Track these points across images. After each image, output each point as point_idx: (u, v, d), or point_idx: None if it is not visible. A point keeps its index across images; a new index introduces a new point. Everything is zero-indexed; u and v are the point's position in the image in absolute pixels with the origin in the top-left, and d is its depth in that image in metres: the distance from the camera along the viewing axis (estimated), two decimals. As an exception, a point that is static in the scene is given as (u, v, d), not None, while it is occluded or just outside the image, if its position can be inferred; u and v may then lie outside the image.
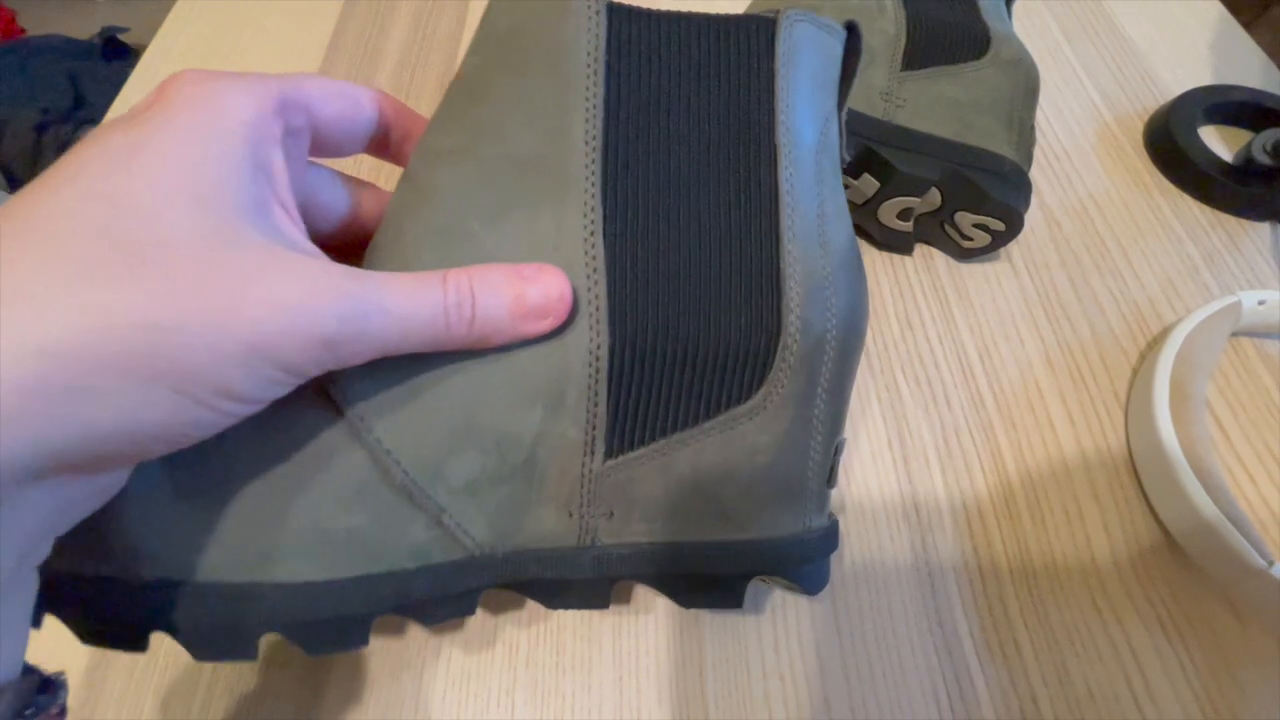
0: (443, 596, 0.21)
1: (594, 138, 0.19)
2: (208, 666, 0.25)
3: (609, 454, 0.20)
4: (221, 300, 0.14)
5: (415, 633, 0.26)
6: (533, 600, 0.23)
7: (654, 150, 0.20)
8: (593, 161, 0.19)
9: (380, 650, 0.25)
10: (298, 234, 0.17)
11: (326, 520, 0.19)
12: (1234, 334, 0.34)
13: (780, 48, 0.20)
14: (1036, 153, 0.41)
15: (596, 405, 0.20)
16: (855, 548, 0.28)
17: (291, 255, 0.16)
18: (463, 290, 0.17)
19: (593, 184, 0.19)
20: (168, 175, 0.14)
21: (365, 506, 0.19)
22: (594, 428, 0.20)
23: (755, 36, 0.20)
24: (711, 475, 0.21)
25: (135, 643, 0.18)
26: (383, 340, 0.17)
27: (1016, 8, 0.48)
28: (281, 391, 0.16)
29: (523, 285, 0.18)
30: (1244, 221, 0.38)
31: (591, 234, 0.19)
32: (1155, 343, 0.33)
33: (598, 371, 0.20)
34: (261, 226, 0.16)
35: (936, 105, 0.33)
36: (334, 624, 0.19)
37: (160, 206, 0.14)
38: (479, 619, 0.26)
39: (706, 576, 0.22)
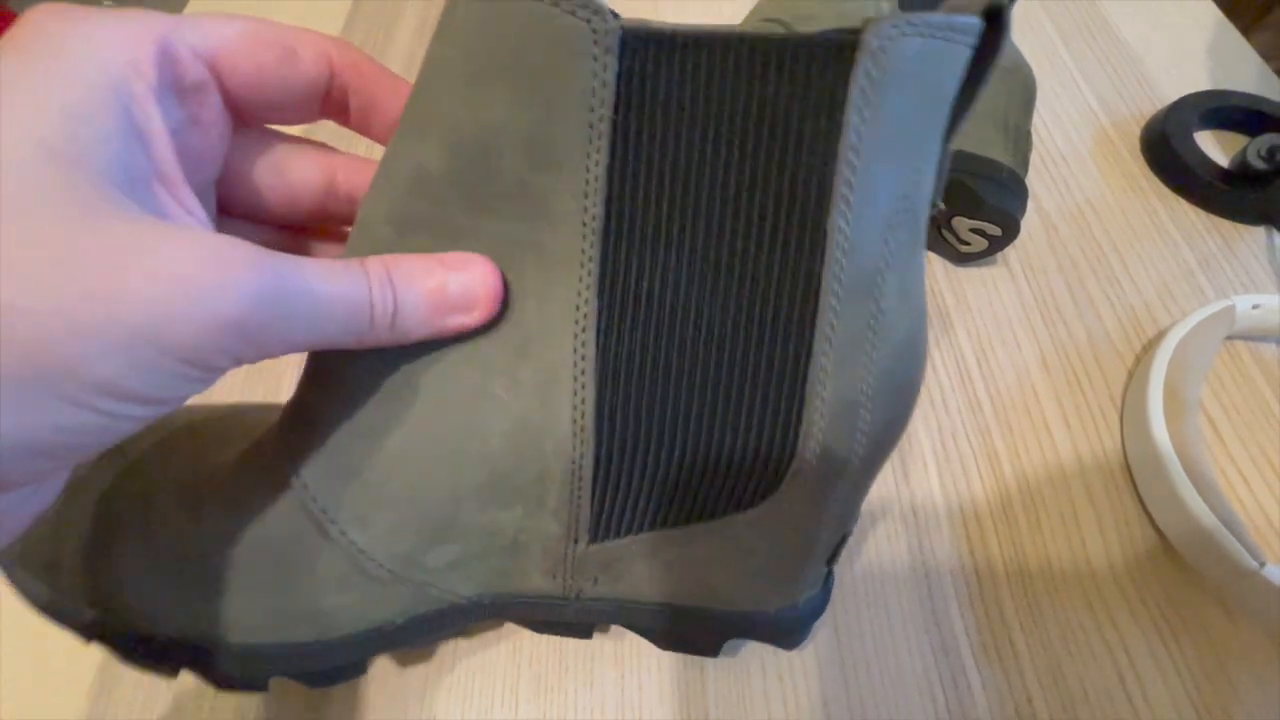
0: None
1: (594, 218, 0.15)
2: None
3: (594, 539, 0.19)
4: (98, 274, 0.11)
5: (420, 633, 0.26)
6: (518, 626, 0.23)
7: (667, 230, 0.16)
8: (591, 245, 0.15)
9: (385, 650, 0.26)
10: (187, 219, 0.14)
11: (308, 602, 0.19)
12: (1228, 338, 0.34)
13: (857, 84, 0.14)
14: (1033, 157, 0.41)
15: (579, 506, 0.18)
16: (853, 550, 0.28)
17: (186, 227, 0.13)
18: (384, 278, 0.15)
19: (589, 271, 0.16)
20: (12, 121, 0.11)
21: (347, 591, 0.19)
22: (576, 522, 0.19)
23: (822, 72, 0.14)
24: (701, 563, 0.20)
25: (167, 673, 0.20)
26: (307, 327, 0.14)
27: (1013, 11, 0.48)
28: (187, 389, 0.13)
29: (444, 274, 0.15)
30: (1239, 226, 0.39)
31: (583, 329, 0.16)
32: (1150, 346, 0.34)
33: (580, 479, 0.18)
34: (142, 201, 0.13)
35: (934, 112, 0.33)
36: (329, 671, 0.21)
37: (3, 157, 0.11)
38: (483, 619, 0.26)
39: (688, 634, 0.23)
